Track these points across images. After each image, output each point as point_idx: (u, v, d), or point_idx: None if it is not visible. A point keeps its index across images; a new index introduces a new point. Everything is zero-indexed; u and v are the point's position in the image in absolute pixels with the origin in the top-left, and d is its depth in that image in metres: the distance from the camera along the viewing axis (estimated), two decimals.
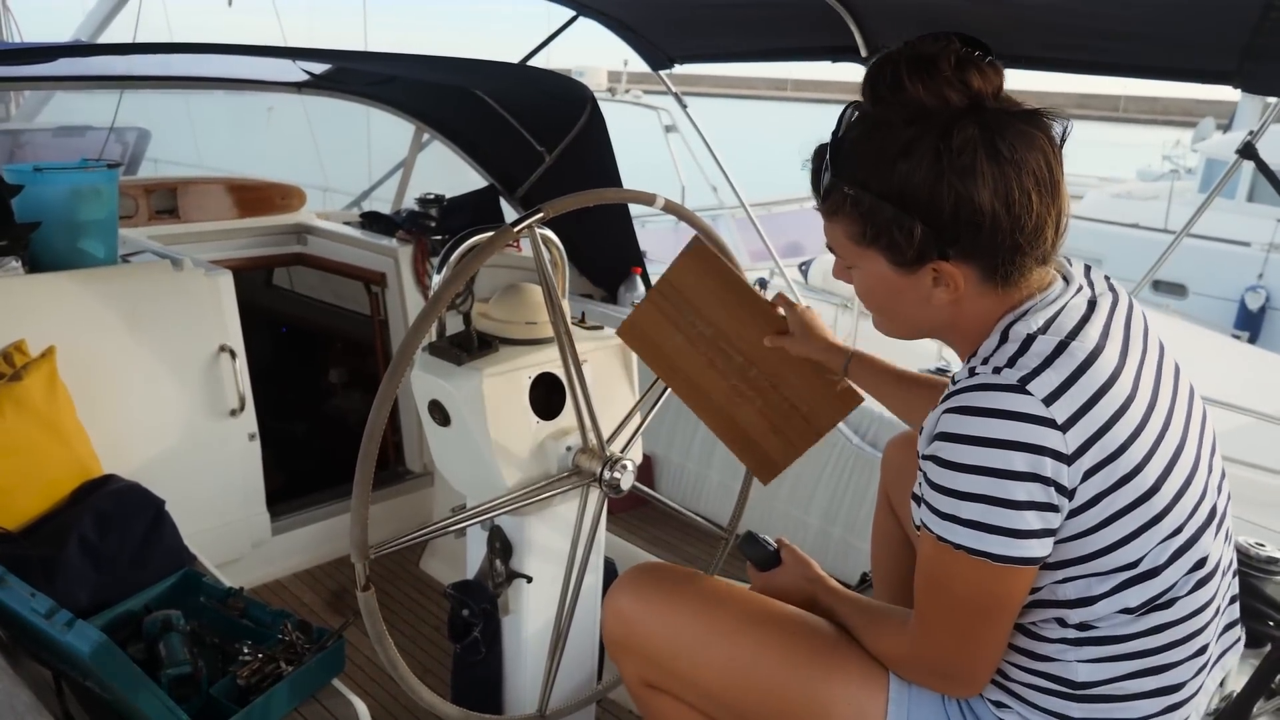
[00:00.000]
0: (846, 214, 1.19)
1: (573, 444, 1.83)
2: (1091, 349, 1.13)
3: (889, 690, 1.31)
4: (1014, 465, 1.08)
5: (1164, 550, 1.14)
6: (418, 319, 1.44)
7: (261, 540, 2.75)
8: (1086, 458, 1.09)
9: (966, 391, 1.12)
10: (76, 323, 2.32)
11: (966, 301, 1.20)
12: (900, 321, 1.28)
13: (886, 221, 1.14)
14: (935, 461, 1.13)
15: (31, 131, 5.59)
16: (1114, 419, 1.10)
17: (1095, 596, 1.15)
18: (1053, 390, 1.09)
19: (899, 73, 1.13)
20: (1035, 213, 1.12)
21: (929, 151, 1.10)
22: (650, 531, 3.14)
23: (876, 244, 1.18)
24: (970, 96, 1.11)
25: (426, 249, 3.17)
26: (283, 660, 1.81)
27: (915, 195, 1.12)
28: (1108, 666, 1.19)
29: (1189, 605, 1.18)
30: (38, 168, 2.44)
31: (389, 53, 2.81)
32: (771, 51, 3.09)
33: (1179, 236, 2.79)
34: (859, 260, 1.23)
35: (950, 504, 1.12)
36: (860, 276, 1.26)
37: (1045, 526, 1.11)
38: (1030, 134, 1.11)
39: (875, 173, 1.14)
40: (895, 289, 1.22)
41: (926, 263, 1.16)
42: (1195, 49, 2.22)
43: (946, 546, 1.14)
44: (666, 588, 1.48)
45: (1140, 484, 1.11)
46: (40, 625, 1.54)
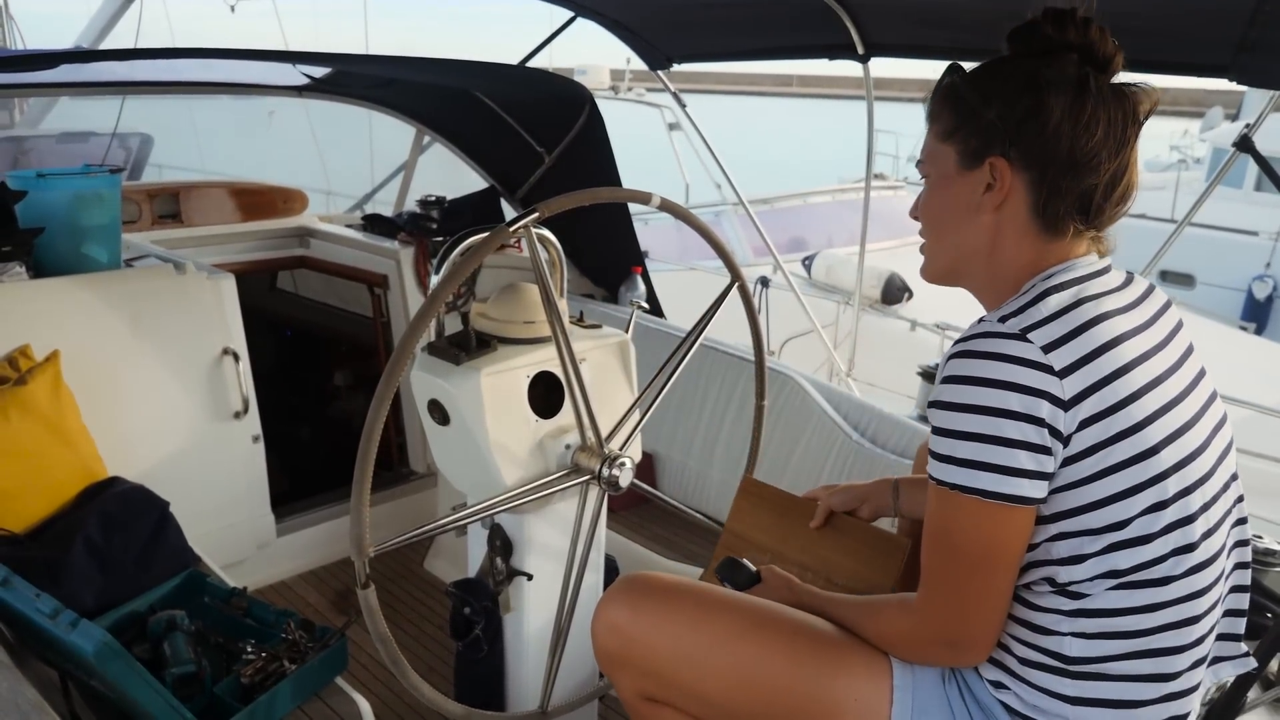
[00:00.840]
0: (943, 106, 1.30)
1: (571, 442, 1.84)
2: (1105, 311, 1.20)
3: (893, 679, 1.32)
4: (1008, 405, 1.14)
5: (1154, 520, 1.17)
6: (414, 320, 1.46)
7: (266, 541, 2.77)
8: (1085, 405, 1.14)
9: (971, 338, 1.19)
10: (80, 327, 2.34)
11: (1007, 230, 1.27)
12: (945, 238, 1.34)
13: (969, 110, 1.26)
14: (937, 405, 1.19)
15: (35, 138, 5.62)
16: (1116, 374, 1.16)
17: (1085, 555, 1.18)
18: (1053, 340, 1.16)
19: (1038, 19, 1.25)
20: (1096, 141, 1.20)
21: (1030, 68, 1.23)
22: (652, 529, 3.15)
23: (954, 137, 1.28)
24: (1086, 43, 1.22)
25: (428, 251, 3.19)
26: (286, 659, 1.83)
27: (1002, 93, 1.24)
28: (1100, 643, 1.20)
29: (1182, 589, 1.19)
30: (41, 174, 2.46)
31: (388, 55, 2.83)
32: (769, 50, 3.10)
33: (1181, 225, 2.79)
34: (934, 162, 1.32)
35: (948, 444, 1.18)
36: (927, 187, 1.35)
37: (1039, 469, 1.15)
38: (1120, 94, 1.22)
39: (980, 75, 1.28)
40: (953, 191, 1.30)
41: (987, 156, 1.25)
42: (1190, 43, 2.22)
43: (946, 492, 1.19)
44: (659, 597, 1.46)
45: (1139, 442, 1.15)
46: (45, 625, 1.57)
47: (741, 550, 1.80)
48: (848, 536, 1.72)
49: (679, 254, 7.30)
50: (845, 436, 2.74)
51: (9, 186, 2.38)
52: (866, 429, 2.74)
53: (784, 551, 1.77)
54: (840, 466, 2.77)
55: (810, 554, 1.74)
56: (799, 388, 2.86)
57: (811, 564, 1.73)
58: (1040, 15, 1.25)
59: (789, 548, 1.77)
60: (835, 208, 8.69)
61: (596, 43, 4.31)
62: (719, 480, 3.15)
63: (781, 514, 1.81)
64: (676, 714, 1.46)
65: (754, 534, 1.83)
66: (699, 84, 37.87)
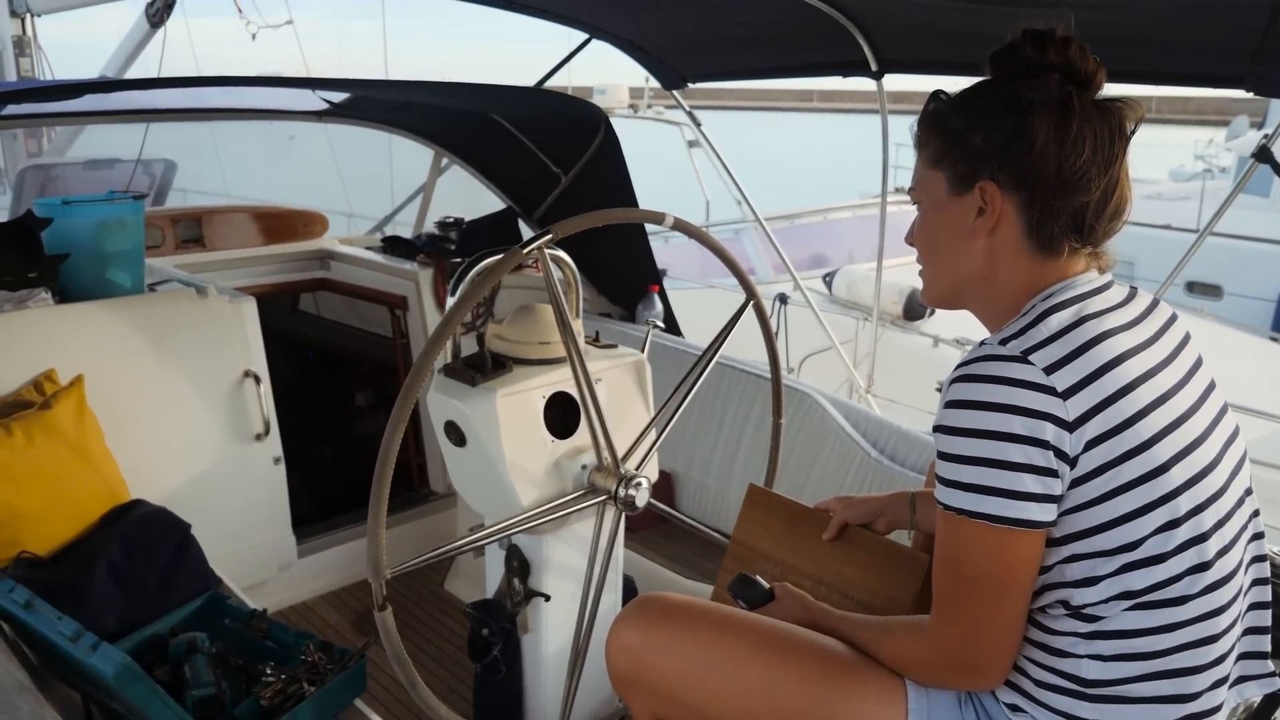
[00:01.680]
0: (929, 133, 1.31)
1: (588, 462, 1.85)
2: (1107, 329, 1.19)
3: (908, 702, 1.31)
4: (1011, 428, 1.13)
5: (1167, 539, 1.15)
6: (429, 342, 1.47)
7: (288, 563, 2.78)
8: (1090, 426, 1.13)
9: (973, 362, 1.18)
10: (104, 351, 2.38)
11: (1001, 252, 1.27)
12: (942, 264, 1.34)
13: (955, 136, 1.27)
14: (941, 430, 1.18)
15: (62, 165, 5.72)
16: (1121, 393, 1.15)
17: (1099, 577, 1.17)
18: (1055, 361, 1.15)
19: (1020, 40, 1.26)
20: (1084, 160, 1.21)
21: (1012, 90, 1.24)
22: (671, 549, 3.14)
23: (942, 163, 1.29)
24: (1067, 62, 1.23)
25: (446, 271, 3.21)
26: (305, 681, 1.83)
27: (986, 116, 1.25)
28: (1117, 665, 1.18)
29: (1199, 608, 1.18)
30: (66, 201, 2.50)
31: (406, 80, 2.86)
32: (782, 69, 3.11)
33: (1203, 234, 2.76)
34: (925, 189, 1.33)
35: (954, 470, 1.17)
36: (920, 214, 1.35)
37: (1045, 492, 1.14)
38: (1105, 111, 1.23)
39: (963, 100, 1.29)
40: (945, 217, 1.30)
41: (977, 181, 1.25)
42: (1205, 53, 2.21)
43: (954, 517, 1.18)
44: (672, 619, 1.45)
45: (1148, 460, 1.14)
46: (67, 648, 1.58)
47: (751, 562, 1.78)
48: (863, 550, 1.70)
49: (700, 272, 7.30)
50: (864, 454, 2.73)
51: (36, 214, 2.42)
52: (885, 446, 2.72)
53: (796, 564, 1.74)
54: (859, 484, 2.76)
55: (824, 568, 1.71)
56: (817, 405, 2.85)
57: (826, 578, 1.70)
58: (1019, 37, 1.26)
59: (801, 560, 1.74)
60: (856, 223, 8.66)
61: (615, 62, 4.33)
62: (737, 499, 3.12)
63: (792, 525, 1.77)
64: None
65: (764, 545, 1.79)
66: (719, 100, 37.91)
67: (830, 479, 2.79)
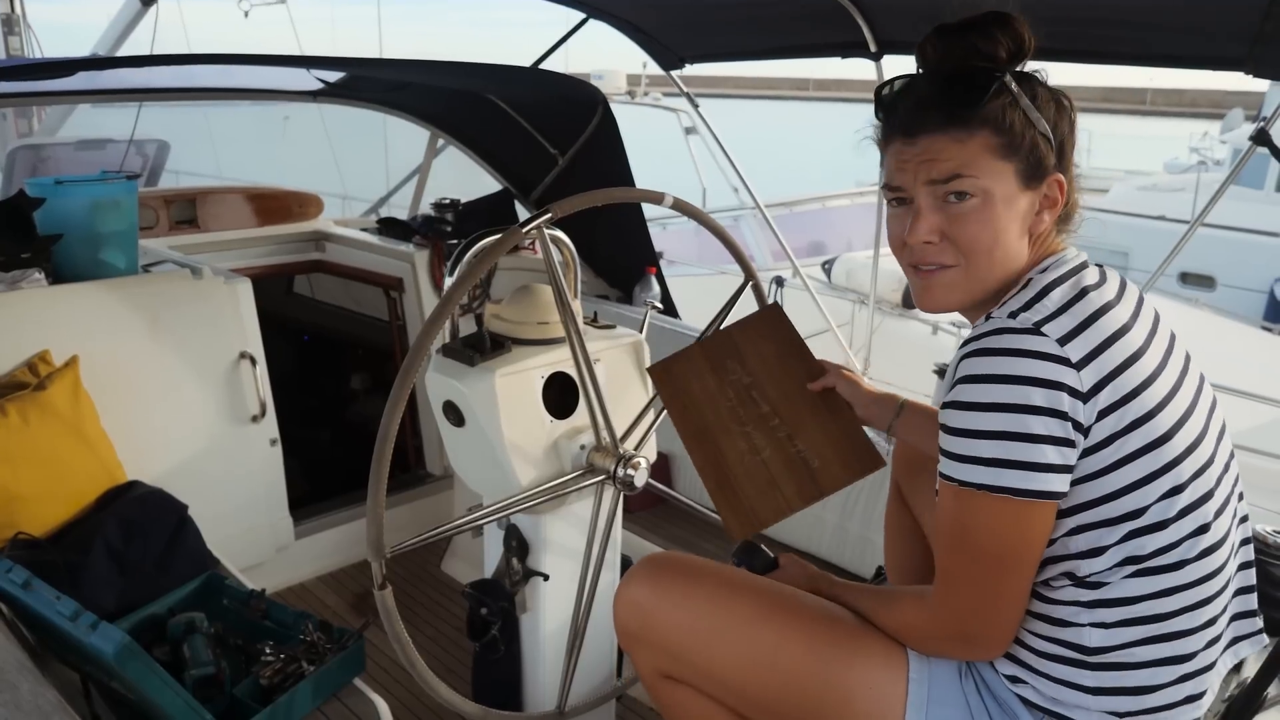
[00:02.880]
0: (991, 125, 1.21)
1: (586, 442, 1.84)
2: (1105, 303, 1.21)
3: (909, 671, 1.32)
4: (1033, 400, 1.13)
5: (1170, 505, 1.17)
6: (428, 322, 1.46)
7: (284, 544, 2.78)
8: (1102, 396, 1.14)
9: (985, 336, 1.18)
10: (99, 332, 2.36)
11: (1038, 242, 1.28)
12: (994, 264, 1.25)
13: (1032, 130, 1.22)
14: (955, 406, 1.18)
15: (54, 146, 5.67)
16: (1126, 364, 1.16)
17: (1104, 547, 1.18)
18: (1067, 332, 1.16)
19: (987, 22, 1.25)
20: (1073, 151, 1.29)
21: (1033, 81, 1.25)
22: (668, 529, 3.15)
23: (1016, 155, 1.22)
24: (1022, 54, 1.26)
25: (443, 253, 3.20)
26: (304, 660, 1.83)
27: (1040, 106, 1.24)
28: (1119, 631, 1.20)
29: (1197, 571, 1.20)
30: (59, 181, 2.49)
31: (402, 59, 2.84)
32: (781, 49, 3.10)
33: (1195, 223, 2.76)
34: (990, 180, 1.22)
35: (969, 445, 1.16)
36: (978, 208, 1.23)
37: (1063, 462, 1.15)
38: (1060, 99, 1.27)
39: (1022, 88, 1.23)
40: (1013, 212, 1.23)
41: (1048, 176, 1.25)
42: (1206, 36, 2.20)
43: (967, 492, 1.17)
44: (682, 577, 1.47)
45: (1152, 430, 1.16)
46: (66, 628, 1.58)
47: (726, 355, 1.73)
48: (833, 417, 1.64)
49: (696, 257, 7.29)
50: None
51: (28, 194, 2.40)
52: None
53: (765, 386, 1.68)
54: None
55: (789, 405, 1.66)
56: None
57: (784, 414, 1.65)
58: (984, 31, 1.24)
59: (773, 386, 1.68)
60: (855, 211, 8.66)
61: (612, 47, 4.31)
62: None
63: (786, 355, 1.72)
64: (693, 694, 1.46)
65: (749, 353, 1.73)
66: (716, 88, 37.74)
67: None
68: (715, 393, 1.71)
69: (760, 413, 1.67)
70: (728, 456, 1.64)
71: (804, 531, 2.89)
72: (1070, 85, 1.29)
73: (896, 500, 1.83)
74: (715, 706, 1.46)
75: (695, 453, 1.66)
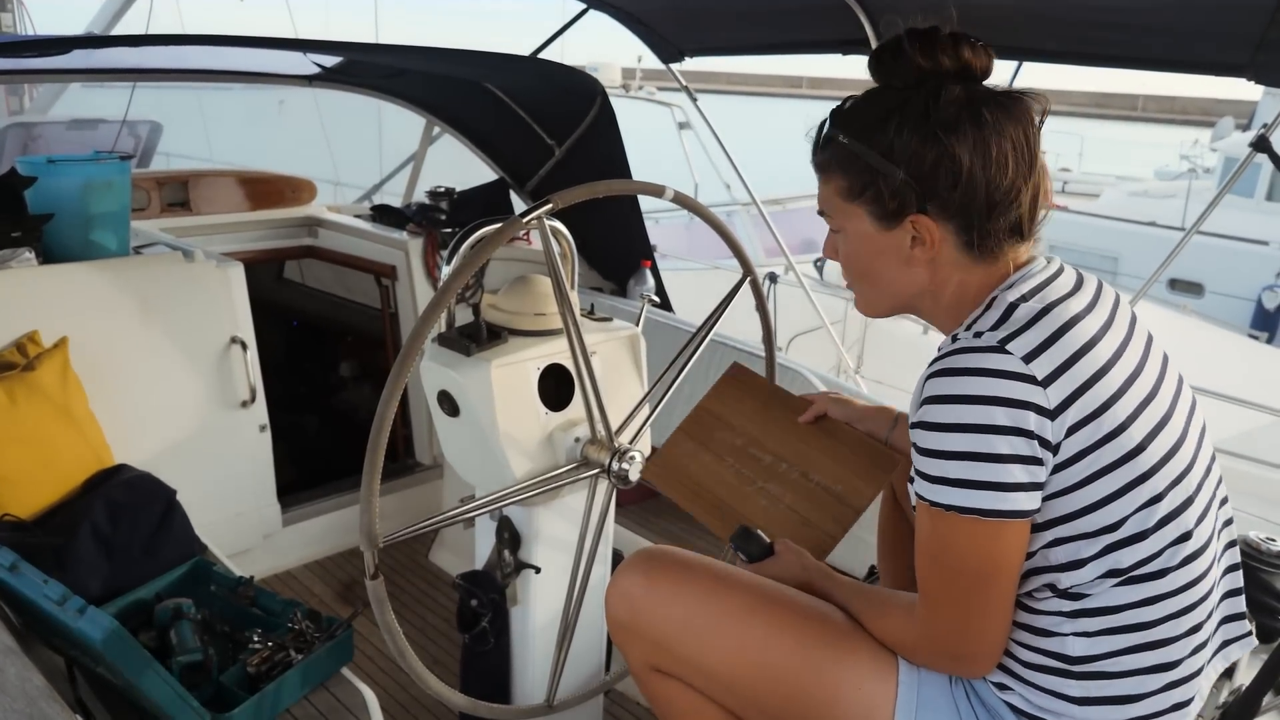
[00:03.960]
0: (837, 169, 1.27)
1: (581, 435, 1.83)
2: (1074, 315, 1.19)
3: (898, 674, 1.32)
4: (996, 420, 1.12)
5: (1149, 515, 1.17)
6: (426, 309, 1.45)
7: (272, 531, 2.76)
8: (1070, 413, 1.13)
9: (949, 355, 1.17)
10: (89, 314, 2.34)
11: (944, 269, 1.26)
12: (881, 288, 1.33)
13: (872, 172, 1.23)
14: (922, 426, 1.17)
15: (45, 124, 5.62)
16: (1095, 378, 1.15)
17: (1084, 559, 1.18)
18: (1032, 349, 1.14)
19: (900, 43, 1.22)
20: (1010, 175, 1.20)
21: (917, 109, 1.20)
22: (659, 523, 3.14)
23: (862, 197, 1.25)
24: (961, 65, 1.21)
25: (437, 242, 3.18)
26: (292, 649, 1.82)
27: (901, 148, 1.21)
28: (1102, 640, 1.20)
29: (1179, 579, 1.20)
30: (51, 160, 2.46)
31: (400, 45, 2.82)
32: (782, 45, 3.09)
33: (1190, 231, 2.77)
34: (845, 220, 1.29)
35: (938, 466, 1.16)
36: (845, 241, 1.32)
37: (1031, 480, 1.14)
38: (1012, 108, 1.20)
39: (868, 128, 1.23)
40: (877, 249, 1.28)
41: (906, 215, 1.23)
42: (1208, 41, 2.21)
43: (939, 512, 1.17)
44: (674, 570, 1.47)
45: (1124, 443, 1.15)
46: (53, 612, 1.56)
47: (712, 429, 1.74)
48: (835, 440, 1.66)
49: (687, 251, 7.28)
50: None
51: (19, 172, 2.38)
52: None
53: (762, 439, 1.70)
54: None
55: (790, 447, 1.68)
56: (808, 383, 2.85)
57: (789, 456, 1.67)
58: (905, 40, 1.21)
59: (768, 437, 1.70)
60: None
61: (610, 40, 4.30)
62: None
63: (767, 404, 1.74)
64: (682, 687, 1.46)
65: (732, 416, 1.75)
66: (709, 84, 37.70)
67: None
68: (716, 466, 1.73)
69: (766, 465, 1.68)
70: (753, 516, 1.65)
71: None
72: (1062, 90, 1.28)
73: (891, 503, 1.82)
74: (704, 700, 1.45)
75: (723, 530, 1.67)
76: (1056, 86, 6.05)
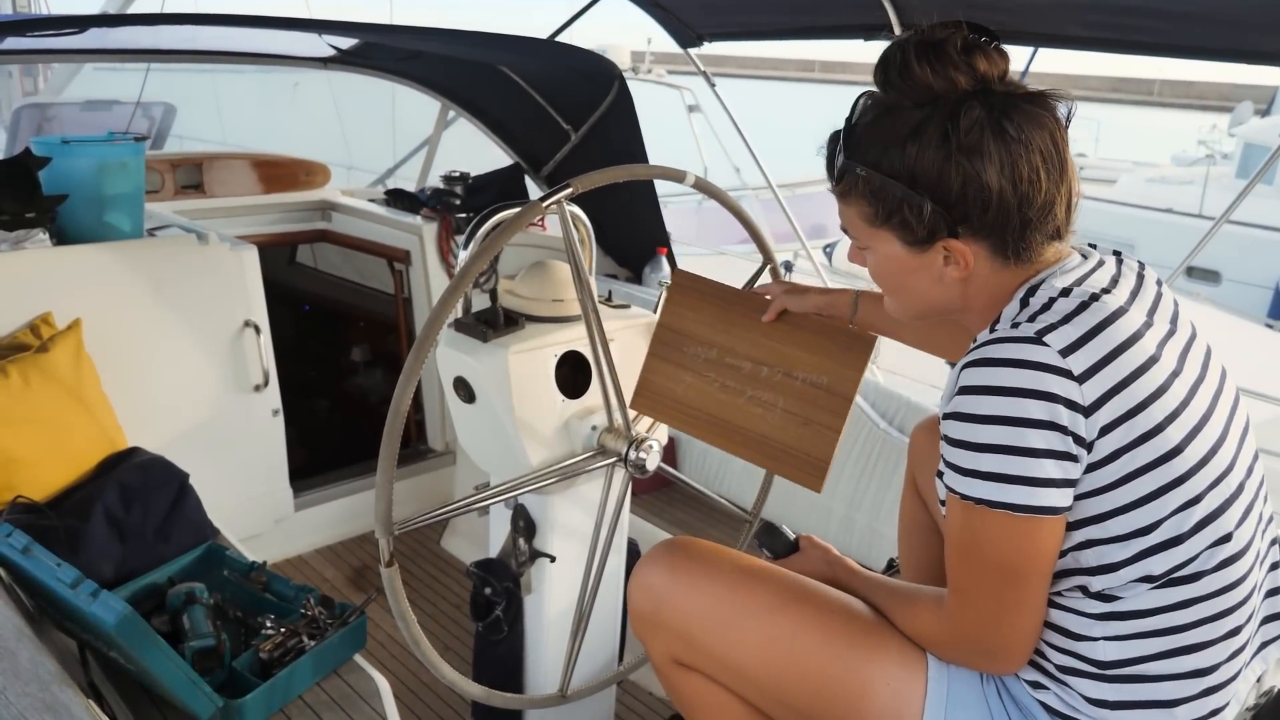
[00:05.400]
0: (859, 195, 1.23)
1: (598, 423, 1.81)
2: (1115, 309, 1.16)
3: (928, 670, 1.30)
4: (1029, 413, 1.09)
5: (1185, 519, 1.13)
6: (444, 294, 1.43)
7: (284, 516, 2.76)
8: (1105, 411, 1.10)
9: (985, 345, 1.15)
10: (102, 295, 2.33)
11: (979, 279, 1.23)
12: (914, 301, 1.31)
13: (897, 201, 1.18)
14: (955, 417, 1.15)
15: (59, 105, 5.62)
16: (1135, 375, 1.12)
17: (1116, 564, 1.15)
18: (1071, 343, 1.11)
19: (908, 58, 1.16)
20: (1044, 189, 1.15)
21: (937, 133, 1.14)
22: (674, 513, 3.13)
23: (889, 224, 1.21)
24: (977, 80, 1.15)
25: (451, 227, 3.16)
26: (305, 635, 1.81)
27: (925, 175, 1.15)
28: (1134, 644, 1.17)
29: (1216, 582, 1.17)
30: (65, 140, 2.44)
31: (416, 26, 2.79)
32: (802, 29, 3.04)
33: (1218, 222, 2.72)
34: (872, 241, 1.26)
35: (970, 458, 1.13)
36: (874, 258, 1.29)
37: (1065, 476, 1.11)
38: (1036, 114, 1.15)
39: (886, 154, 1.18)
40: (908, 269, 1.25)
41: (937, 241, 1.19)
42: (1241, 28, 2.16)
43: (970, 506, 1.15)
44: (698, 563, 1.44)
45: (1161, 444, 1.12)
46: (66, 595, 1.55)
47: (681, 345, 1.71)
48: (804, 332, 1.63)
49: (696, 237, 7.24)
50: (872, 424, 2.71)
51: (33, 153, 2.36)
52: (894, 417, 2.70)
53: (733, 345, 1.68)
54: (866, 453, 2.74)
55: (764, 348, 1.65)
56: None
57: (768, 359, 1.65)
58: (912, 56, 1.15)
59: (738, 342, 1.68)
60: None
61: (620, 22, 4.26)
62: (741, 465, 3.12)
63: (725, 307, 1.70)
64: (705, 681, 1.44)
65: (695, 328, 1.71)
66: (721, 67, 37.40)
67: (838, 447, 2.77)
68: (699, 383, 1.71)
69: (747, 372, 1.66)
70: (755, 428, 1.65)
71: (812, 523, 2.86)
72: (1077, 75, 1.24)
73: (912, 494, 1.80)
74: (727, 695, 1.43)
75: (728, 447, 1.68)
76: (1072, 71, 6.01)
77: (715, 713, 1.45)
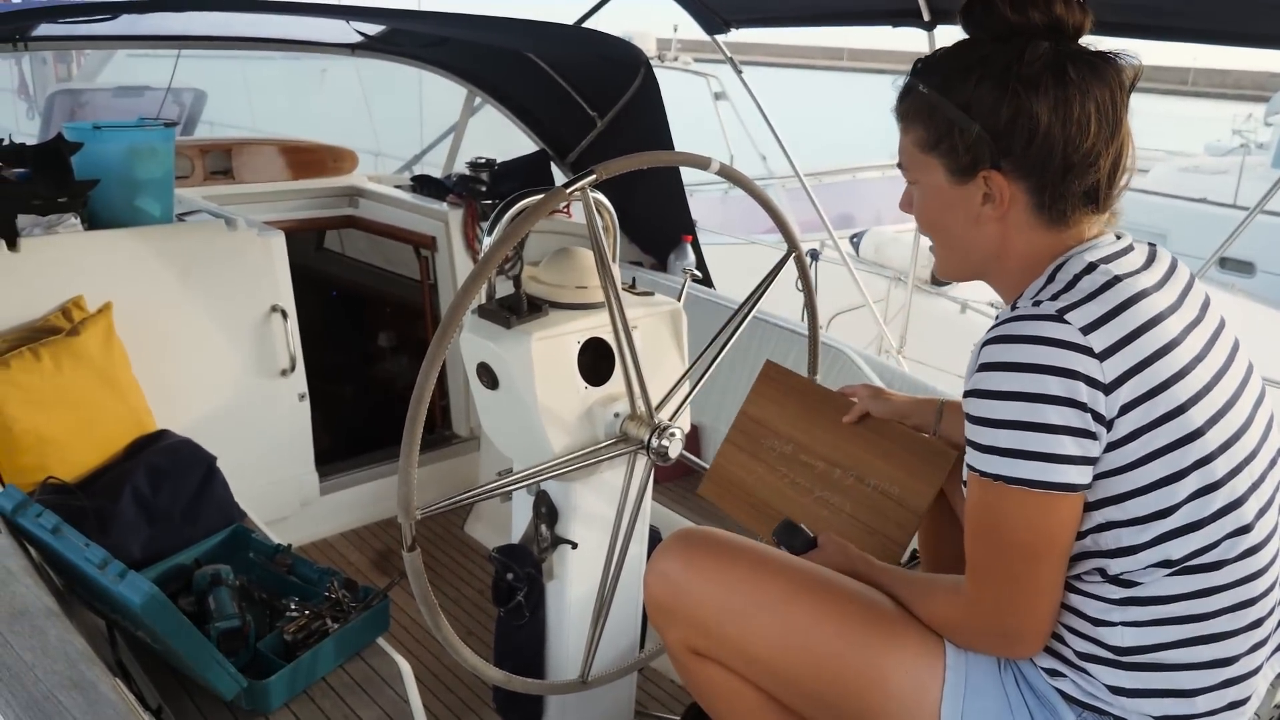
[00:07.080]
0: (916, 117, 1.25)
1: (621, 410, 1.81)
2: (1140, 290, 1.15)
3: (946, 659, 1.29)
4: (1048, 389, 1.09)
5: (1205, 504, 1.13)
6: (468, 280, 1.43)
7: (310, 499, 2.78)
8: (1125, 389, 1.10)
9: (1006, 323, 1.15)
10: (133, 280, 2.35)
11: (1014, 232, 1.23)
12: (952, 246, 1.31)
13: (949, 124, 1.21)
14: (974, 394, 1.15)
15: (92, 91, 5.68)
16: (1156, 356, 1.11)
17: (1135, 546, 1.14)
18: (1092, 320, 1.11)
19: None
20: (1091, 137, 1.16)
21: (1000, 63, 1.17)
22: (695, 501, 3.12)
23: (937, 149, 1.23)
24: (1052, 20, 1.17)
25: (477, 213, 3.16)
26: (329, 617, 1.83)
27: (980, 102, 1.18)
28: (1153, 631, 1.16)
29: (1237, 571, 1.16)
30: (97, 126, 2.47)
31: (442, 12, 2.80)
32: (831, 15, 3.02)
33: (1253, 213, 2.68)
34: (921, 172, 1.28)
35: (989, 434, 1.13)
36: (919, 194, 1.30)
37: (1083, 454, 1.11)
38: (1101, 69, 1.16)
39: (950, 80, 1.21)
40: (948, 202, 1.26)
41: (979, 170, 1.20)
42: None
43: (988, 483, 1.14)
44: (716, 552, 1.44)
45: (1183, 425, 1.11)
46: (94, 575, 1.57)
47: (759, 437, 1.72)
48: (884, 439, 1.63)
49: (722, 226, 7.21)
50: None
51: (66, 138, 2.39)
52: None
53: (809, 444, 1.68)
54: None
55: (840, 450, 1.65)
56: (850, 362, 2.80)
57: (842, 460, 1.64)
58: None
59: (816, 441, 1.68)
60: (885, 184, 8.52)
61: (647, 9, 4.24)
62: None
63: (808, 406, 1.72)
64: (722, 670, 1.44)
65: (776, 422, 1.73)
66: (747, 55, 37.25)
67: None
68: (770, 477, 1.71)
69: (820, 472, 1.65)
70: (818, 530, 1.62)
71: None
72: None
73: None
74: (744, 684, 1.43)
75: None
76: None
77: (732, 702, 1.45)
